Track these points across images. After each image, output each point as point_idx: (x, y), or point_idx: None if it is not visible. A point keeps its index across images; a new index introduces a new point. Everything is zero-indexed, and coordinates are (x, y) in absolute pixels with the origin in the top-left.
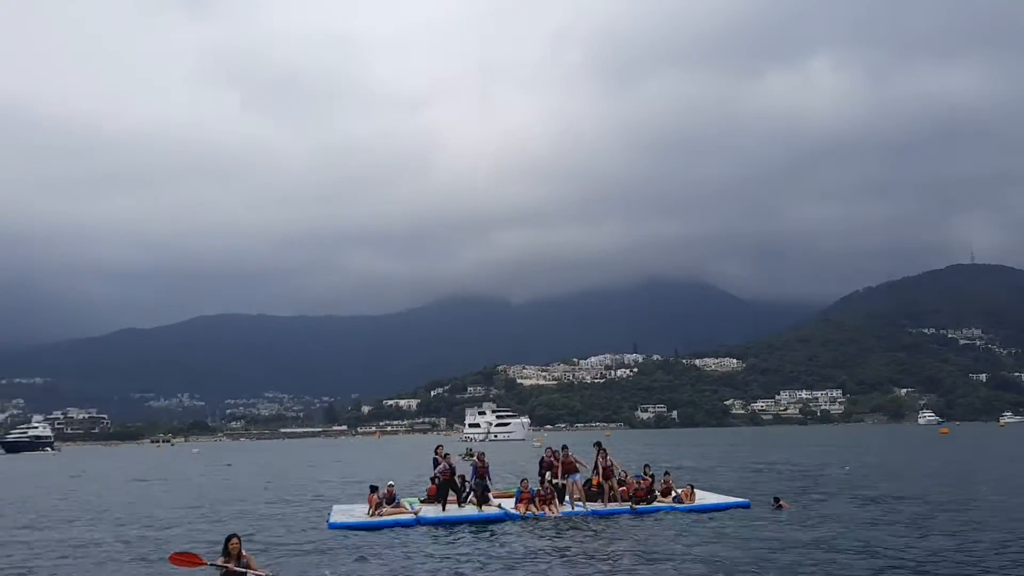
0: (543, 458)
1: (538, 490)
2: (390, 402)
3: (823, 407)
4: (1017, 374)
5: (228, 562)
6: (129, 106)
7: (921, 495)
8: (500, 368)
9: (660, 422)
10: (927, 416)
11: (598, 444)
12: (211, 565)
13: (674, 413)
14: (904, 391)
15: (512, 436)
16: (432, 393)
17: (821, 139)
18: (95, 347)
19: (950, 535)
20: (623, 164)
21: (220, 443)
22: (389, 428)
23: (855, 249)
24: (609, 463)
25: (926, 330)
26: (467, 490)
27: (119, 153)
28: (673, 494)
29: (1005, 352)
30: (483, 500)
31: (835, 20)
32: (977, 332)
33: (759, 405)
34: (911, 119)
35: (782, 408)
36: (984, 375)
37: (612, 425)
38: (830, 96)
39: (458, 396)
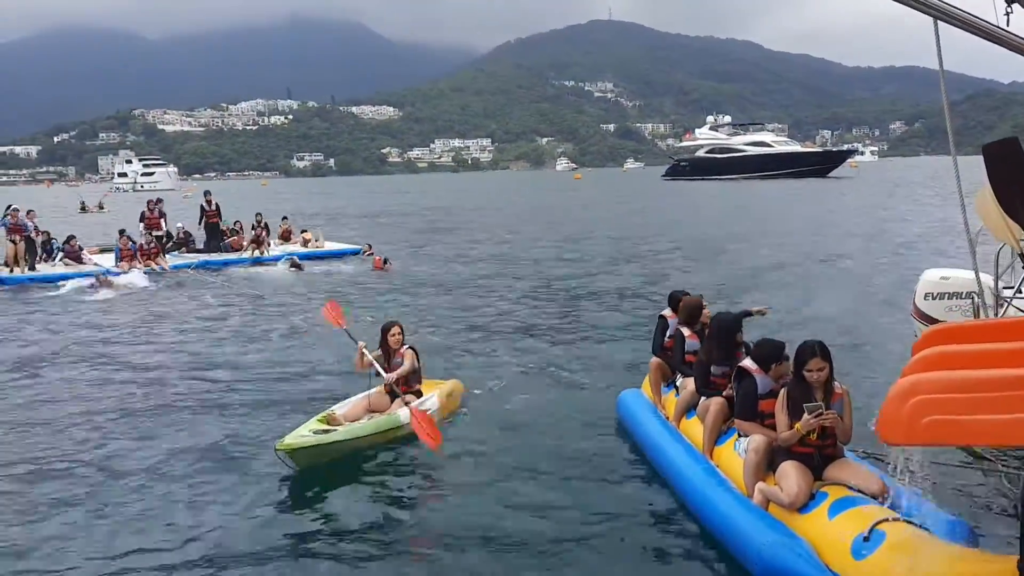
0: (143, 212)
1: (139, 244)
2: (3, 149)
3: (474, 155)
4: (639, 125)
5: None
6: None
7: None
8: (137, 112)
9: (317, 171)
10: (563, 163)
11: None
12: (359, 344)
13: (331, 161)
14: (545, 140)
15: (159, 186)
16: (56, 139)
17: None
18: None
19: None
20: None
21: None
22: (5, 179)
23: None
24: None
25: (567, 82)
26: (54, 251)
27: None
28: (292, 240)
29: (631, 105)
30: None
31: None
32: (609, 86)
33: (415, 153)
34: None
35: (436, 156)
36: (612, 125)
37: (267, 174)
38: None
39: (88, 143)
